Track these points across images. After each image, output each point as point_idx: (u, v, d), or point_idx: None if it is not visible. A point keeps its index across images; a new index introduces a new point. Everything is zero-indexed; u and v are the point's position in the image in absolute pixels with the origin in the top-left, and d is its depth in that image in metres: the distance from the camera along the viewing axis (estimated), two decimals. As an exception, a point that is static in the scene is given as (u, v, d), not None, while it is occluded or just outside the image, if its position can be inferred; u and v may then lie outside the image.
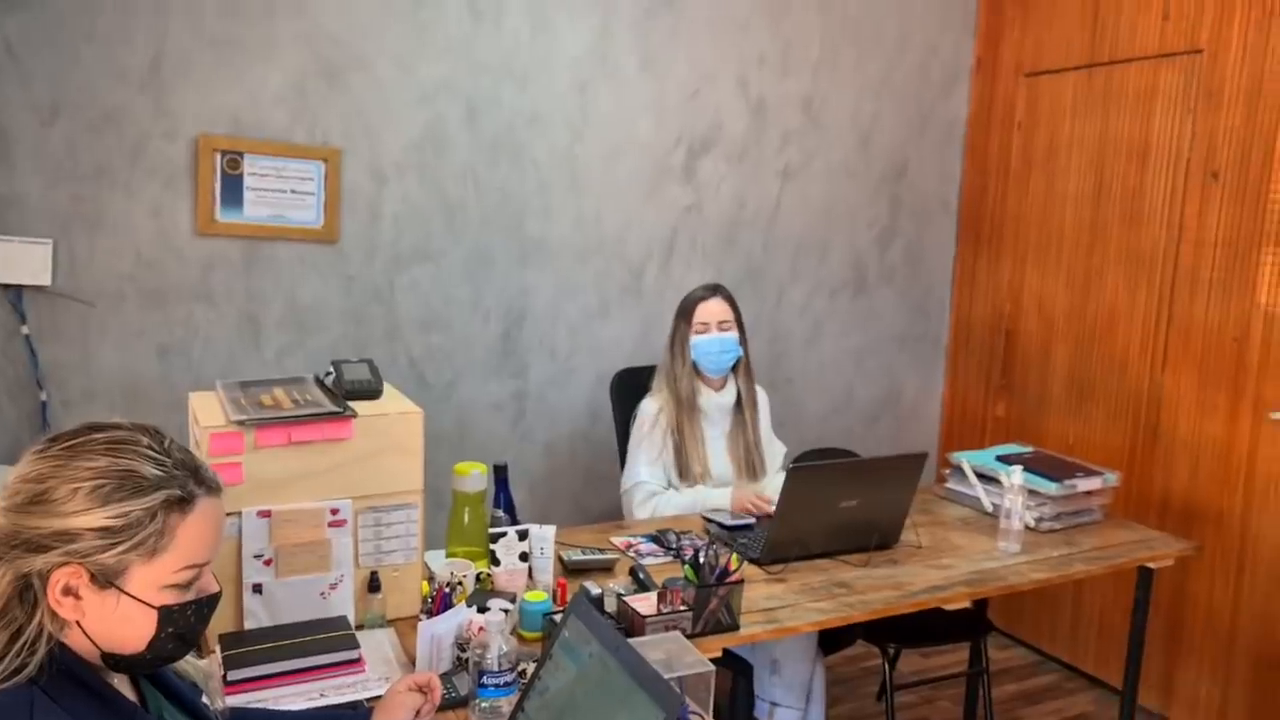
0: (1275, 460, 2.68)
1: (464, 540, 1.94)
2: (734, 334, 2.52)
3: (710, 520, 2.32)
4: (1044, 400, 3.40)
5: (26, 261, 2.35)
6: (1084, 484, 2.46)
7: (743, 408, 2.58)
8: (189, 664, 1.15)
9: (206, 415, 1.65)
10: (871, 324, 3.63)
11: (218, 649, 1.54)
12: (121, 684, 1.04)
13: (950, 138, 3.66)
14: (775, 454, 2.68)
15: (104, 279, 2.48)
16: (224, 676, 1.47)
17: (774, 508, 2.10)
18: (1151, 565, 2.33)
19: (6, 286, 2.37)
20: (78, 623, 0.96)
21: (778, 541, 2.08)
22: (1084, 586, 3.22)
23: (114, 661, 1.00)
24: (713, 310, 2.50)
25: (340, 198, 2.69)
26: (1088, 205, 3.21)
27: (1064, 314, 3.31)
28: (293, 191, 2.60)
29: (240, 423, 1.60)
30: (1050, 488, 2.40)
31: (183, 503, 0.99)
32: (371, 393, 1.81)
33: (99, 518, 0.94)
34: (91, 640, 0.98)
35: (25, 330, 2.39)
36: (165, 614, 0.99)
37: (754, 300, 3.33)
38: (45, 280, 2.38)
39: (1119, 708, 2.52)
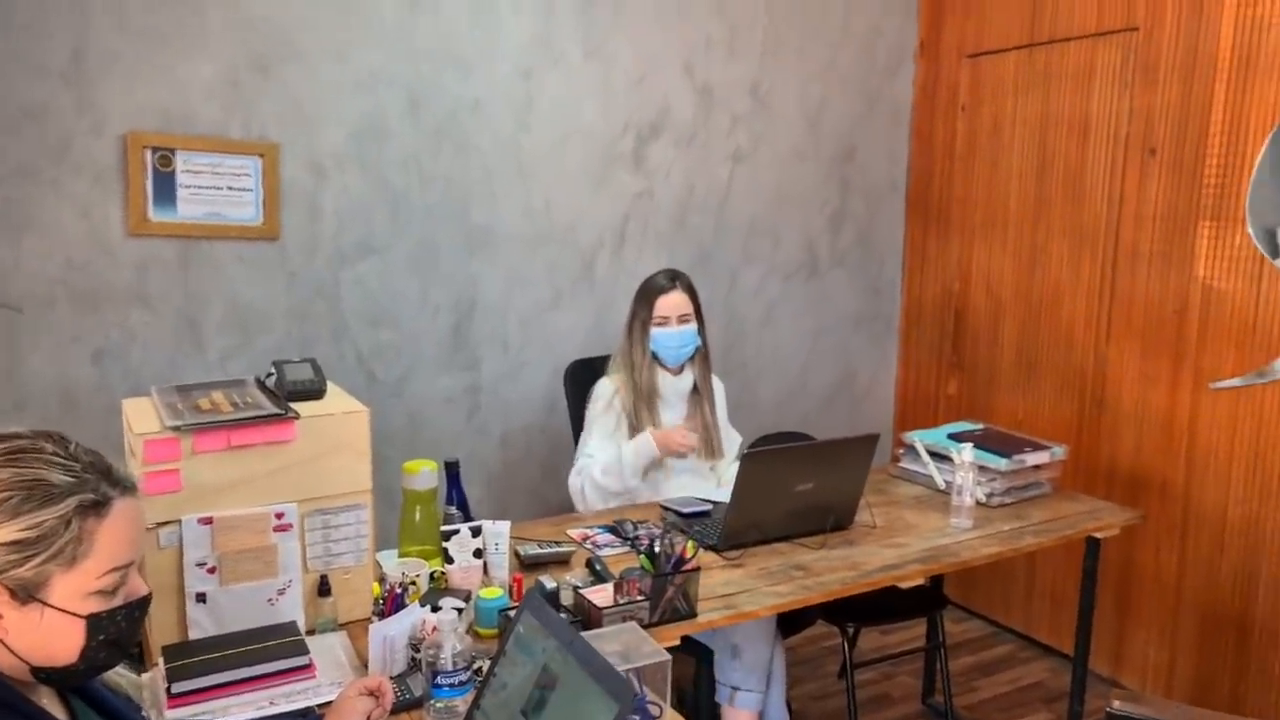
0: (1215, 428, 2.74)
1: (416, 539, 1.91)
2: (692, 326, 2.52)
3: (667, 509, 2.32)
4: (994, 377, 3.45)
5: (-52, 267, 2.25)
6: (1033, 458, 2.50)
7: (700, 392, 2.58)
8: (120, 676, 1.11)
9: (140, 422, 1.60)
10: (825, 307, 3.65)
11: (161, 661, 1.49)
12: (50, 703, 1.00)
13: (897, 119, 3.68)
14: (732, 443, 2.68)
15: (32, 283, 2.39)
16: (168, 689, 1.43)
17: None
18: (1099, 535, 2.38)
19: (-72, 293, 2.28)
20: (1, 641, 0.92)
21: (735, 527, 2.08)
22: (1036, 558, 3.29)
23: (45, 675, 0.96)
24: (673, 303, 2.49)
25: (279, 193, 2.62)
26: (1032, 182, 3.25)
27: (1011, 291, 3.36)
28: (229, 188, 2.53)
29: (176, 428, 1.56)
30: (1000, 463, 2.43)
31: (98, 506, 0.95)
32: (315, 393, 1.77)
33: (10, 532, 0.90)
34: (18, 657, 0.94)
35: (-50, 338, 2.31)
36: (94, 622, 0.96)
37: (707, 285, 3.32)
38: (-31, 286, 2.29)
39: (1072, 674, 2.57)
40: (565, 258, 3.11)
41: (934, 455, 2.59)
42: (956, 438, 2.59)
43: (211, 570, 1.60)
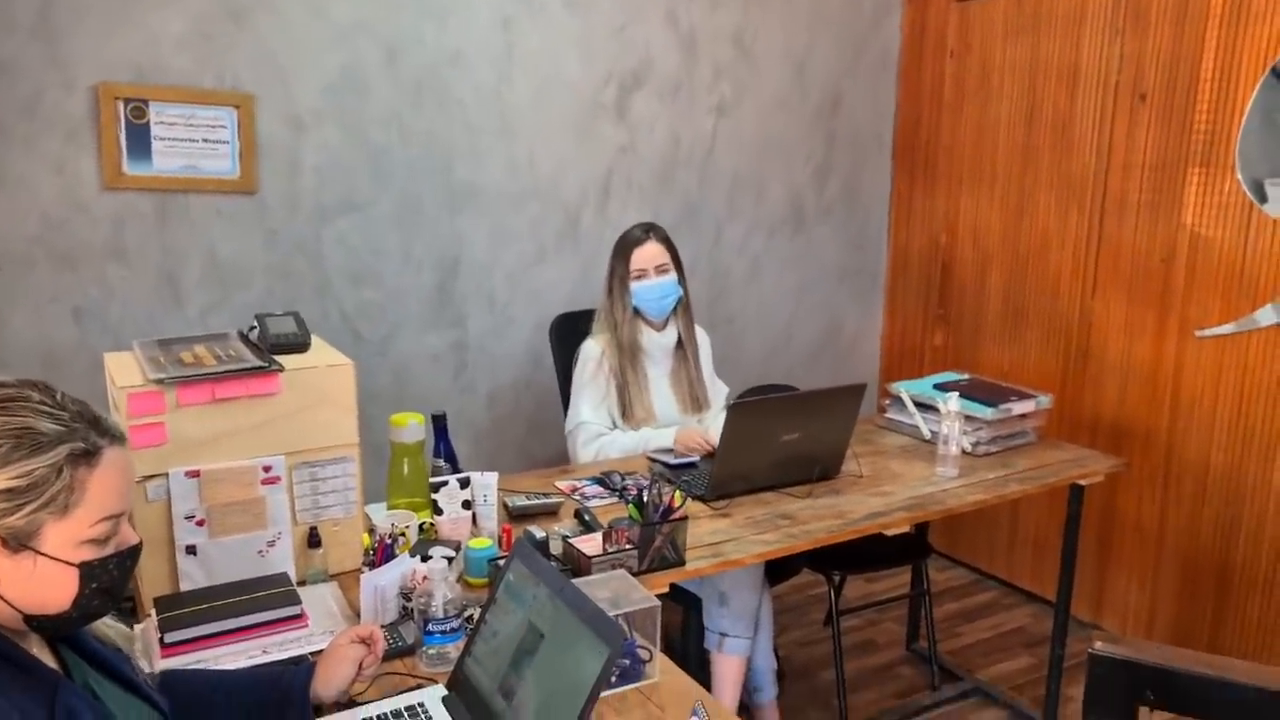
0: (1200, 377, 2.77)
1: (405, 492, 1.91)
2: (672, 276, 2.49)
3: (655, 460, 2.32)
4: (980, 328, 3.46)
5: (-80, 224, 2.21)
6: (1018, 407, 2.51)
7: (684, 346, 2.57)
8: (109, 627, 1.11)
9: (123, 375, 1.58)
10: (810, 260, 3.64)
11: (153, 612, 1.50)
12: (40, 652, 1.00)
13: (884, 68, 3.64)
14: (718, 393, 2.68)
15: (9, 241, 2.35)
16: (161, 639, 1.43)
17: (711, 447, 2.10)
18: (1082, 482, 2.41)
19: (-100, 251, 2.24)
20: None
21: (721, 477, 2.09)
22: (1020, 506, 3.33)
23: (38, 624, 0.96)
24: (649, 254, 2.47)
25: (256, 146, 2.58)
26: (1020, 131, 3.23)
27: (998, 241, 3.36)
28: (204, 140, 2.48)
29: (159, 381, 1.54)
30: (986, 412, 2.45)
31: (88, 455, 0.95)
32: (298, 346, 1.75)
33: (0, 480, 0.89)
34: (12, 605, 0.94)
35: (-74, 297, 2.27)
36: (86, 570, 0.96)
37: (692, 239, 3.31)
38: (-57, 243, 2.25)
39: (1054, 619, 2.62)
40: (549, 213, 3.08)
41: (920, 405, 2.61)
42: (942, 388, 2.60)
43: (200, 523, 1.59)
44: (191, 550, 1.60)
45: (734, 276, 3.48)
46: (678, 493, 1.79)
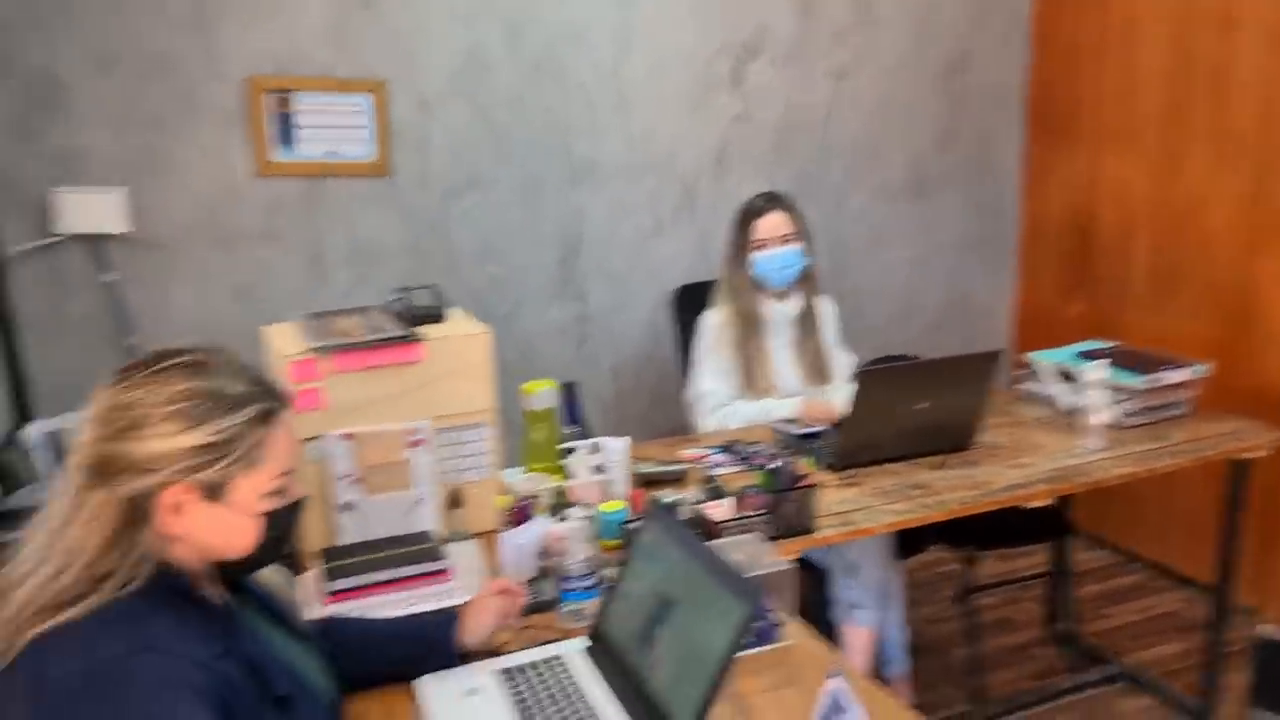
0: (1375, 341, 2.55)
1: (538, 457, 1.97)
2: (796, 246, 2.46)
3: (780, 431, 2.31)
4: (1124, 295, 3.28)
5: (102, 210, 2.41)
6: (1171, 376, 2.37)
7: (807, 317, 2.54)
8: (271, 573, 1.20)
9: (284, 345, 1.69)
10: (934, 228, 3.53)
11: (318, 563, 1.60)
12: (215, 593, 1.09)
13: (1014, 23, 3.48)
14: (844, 364, 2.64)
15: (175, 225, 2.54)
16: (324, 589, 1.53)
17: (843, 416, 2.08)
18: (1244, 457, 2.26)
19: (87, 236, 2.44)
20: (185, 536, 1.00)
21: (849, 446, 2.06)
22: (1171, 483, 3.14)
23: (220, 568, 1.04)
24: (772, 225, 2.45)
25: (390, 130, 2.69)
26: (1168, 84, 3.02)
27: (1144, 202, 3.16)
28: (344, 126, 2.61)
29: (317, 350, 1.64)
30: (1135, 381, 2.32)
31: (269, 415, 1.03)
32: (436, 316, 1.83)
33: (199, 436, 0.98)
34: (201, 551, 1.02)
35: (110, 278, 2.48)
36: (267, 520, 1.04)
37: (811, 209, 3.23)
38: (122, 228, 2.45)
39: (1210, 605, 2.46)
40: (666, 186, 3.10)
41: (1061, 376, 2.49)
42: (1087, 356, 2.48)
43: (354, 482, 1.69)
44: (347, 507, 1.70)
45: (853, 246, 3.42)
46: (807, 460, 1.78)
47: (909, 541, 2.37)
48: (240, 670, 0.99)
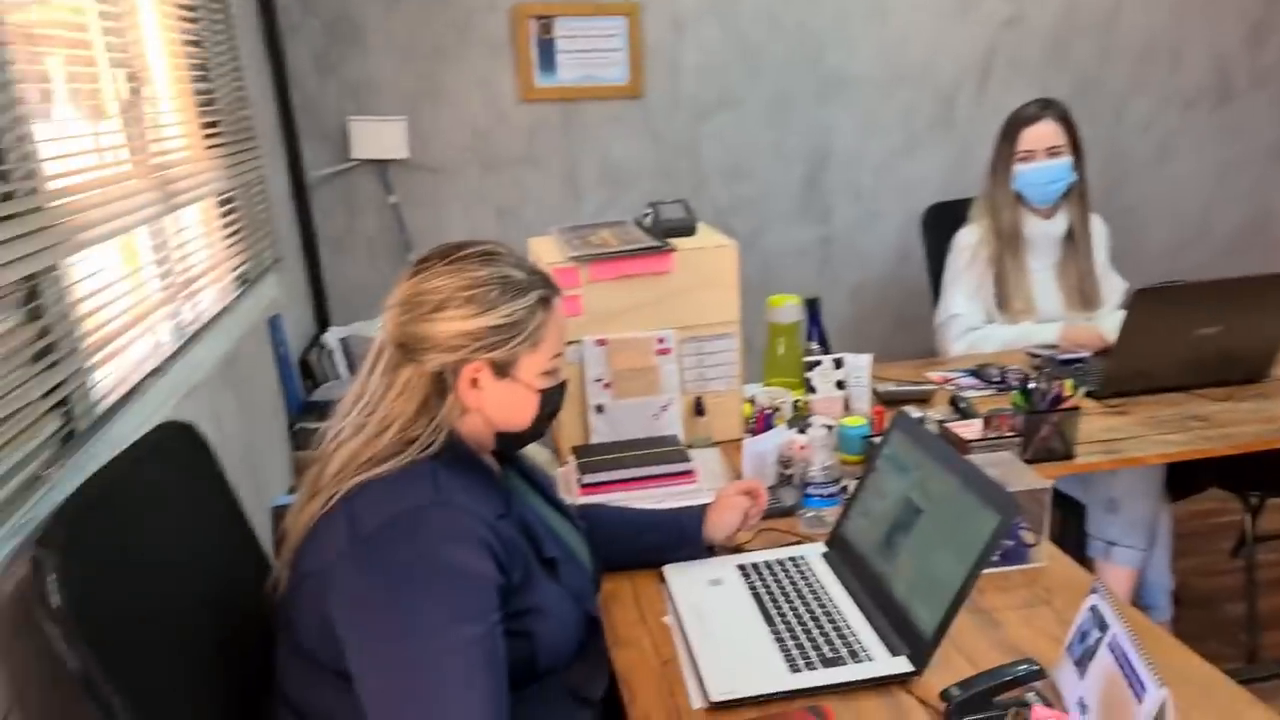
0: None
1: (780, 371, 2.00)
2: (1065, 159, 2.27)
3: (1037, 356, 2.19)
4: None
5: (388, 138, 2.69)
6: None
7: (1075, 237, 2.35)
8: (538, 454, 1.32)
9: (546, 254, 1.82)
10: (1237, 138, 3.11)
11: (572, 458, 1.74)
12: (494, 464, 1.22)
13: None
14: (1113, 289, 2.43)
15: (448, 150, 2.77)
16: (579, 480, 1.67)
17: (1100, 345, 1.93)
18: None
19: (376, 161, 2.73)
20: (477, 409, 1.13)
21: (1119, 372, 1.91)
22: None
23: (502, 440, 1.17)
24: (1041, 134, 2.27)
25: (643, 52, 2.76)
26: None
27: None
28: (600, 50, 2.71)
29: (576, 258, 1.76)
30: None
31: (547, 301, 1.14)
32: (687, 229, 1.89)
33: (494, 318, 1.10)
34: (489, 423, 1.15)
35: (392, 199, 2.77)
36: (544, 396, 1.16)
37: (1086, 120, 2.94)
38: (404, 154, 2.72)
39: None
40: (921, 99, 2.95)
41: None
42: None
43: (607, 385, 1.81)
44: (599, 409, 1.83)
45: (1136, 159, 3.09)
46: (1069, 382, 1.68)
47: (1182, 481, 2.17)
48: (516, 531, 1.12)
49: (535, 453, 1.36)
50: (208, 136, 2.13)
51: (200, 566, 1.24)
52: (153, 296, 1.75)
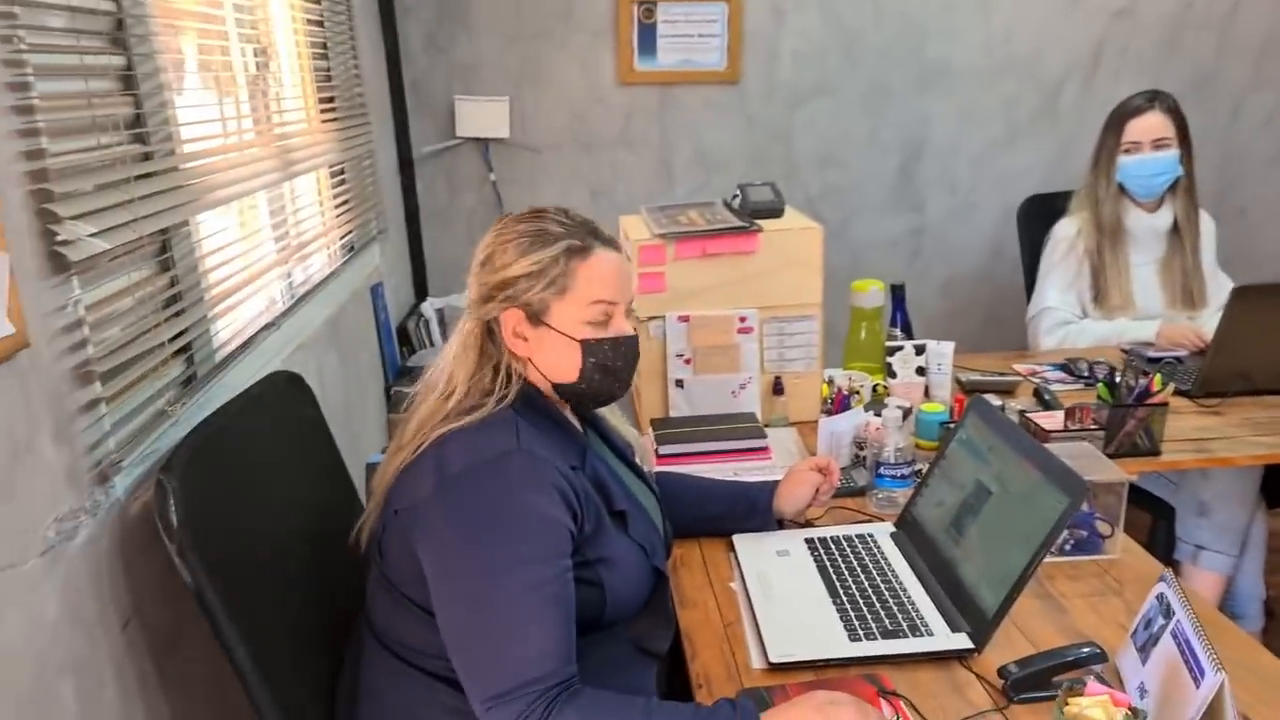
0: None
1: (861, 356, 2.01)
2: (1172, 152, 2.21)
3: (1131, 353, 2.13)
4: None
5: (491, 117, 2.79)
6: None
7: (1180, 232, 2.28)
8: (621, 426, 1.37)
9: (635, 231, 1.88)
10: (1371, 138, 2.95)
11: (650, 430, 1.80)
12: (573, 421, 1.28)
13: None
14: (1219, 289, 2.34)
15: (546, 130, 2.86)
16: (656, 450, 1.72)
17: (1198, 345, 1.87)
18: None
19: (478, 140, 2.84)
20: (528, 359, 1.20)
21: (1215, 371, 1.86)
22: None
23: (564, 393, 1.23)
24: (1148, 126, 2.21)
25: (742, 38, 2.78)
26: None
27: None
28: (699, 35, 2.75)
29: (663, 236, 1.81)
30: None
31: (581, 250, 1.17)
32: (774, 211, 1.92)
33: (523, 266, 1.17)
34: (542, 374, 1.21)
35: (492, 177, 2.87)
36: (586, 346, 1.19)
37: (1198, 116, 2.84)
38: (504, 133, 2.82)
39: None
40: (1025, 91, 2.89)
41: None
42: None
43: (687, 361, 1.86)
44: (679, 384, 1.88)
45: (1252, 159, 2.96)
46: (1158, 377, 1.64)
47: (1278, 489, 2.09)
48: (589, 483, 1.18)
49: (620, 425, 1.40)
50: (324, 111, 2.26)
51: (302, 501, 1.34)
52: (268, 257, 1.88)
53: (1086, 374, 2.01)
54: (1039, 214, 2.56)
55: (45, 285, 1.06)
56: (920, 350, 1.87)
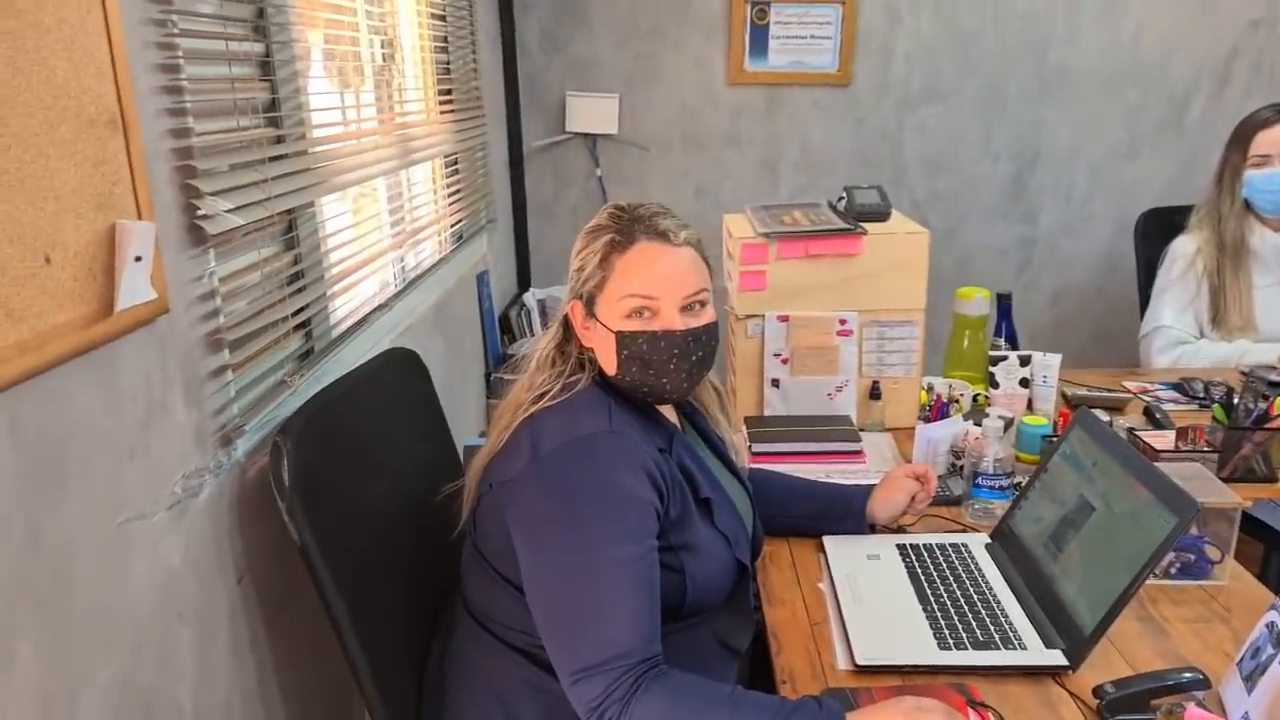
0: None
1: (962, 364, 1.97)
2: (1305, 166, 2.09)
3: (1251, 375, 2.02)
4: None
5: (601, 114, 2.84)
6: None
7: (1312, 251, 2.15)
8: (719, 424, 1.38)
9: (738, 230, 1.89)
10: None
11: (744, 428, 1.81)
12: (668, 413, 1.30)
13: None
14: (1355, 315, 2.21)
15: (656, 127, 2.89)
16: (750, 448, 1.73)
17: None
18: None
19: (587, 135, 2.90)
20: (593, 346, 1.23)
21: (1347, 401, 1.75)
22: None
23: (613, 384, 1.22)
24: (1277, 139, 2.09)
25: (855, 40, 2.75)
26: None
27: None
28: (811, 37, 2.74)
29: (766, 235, 1.81)
30: None
31: (621, 244, 1.17)
32: (880, 215, 1.90)
33: (579, 259, 1.21)
34: (597, 363, 1.23)
35: (599, 172, 2.92)
36: (620, 339, 1.18)
37: (1346, 130, 2.69)
38: (613, 129, 2.87)
39: None
40: (1150, 100, 2.77)
41: None
42: None
43: (784, 361, 1.86)
44: (775, 383, 1.88)
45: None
46: (1279, 401, 1.56)
47: None
48: (676, 468, 1.20)
49: (719, 420, 1.41)
50: (442, 103, 2.34)
51: (410, 474, 1.40)
52: (384, 241, 1.96)
53: (1202, 394, 1.92)
54: (1158, 228, 2.45)
55: (184, 256, 1.14)
56: (1025, 361, 1.82)
